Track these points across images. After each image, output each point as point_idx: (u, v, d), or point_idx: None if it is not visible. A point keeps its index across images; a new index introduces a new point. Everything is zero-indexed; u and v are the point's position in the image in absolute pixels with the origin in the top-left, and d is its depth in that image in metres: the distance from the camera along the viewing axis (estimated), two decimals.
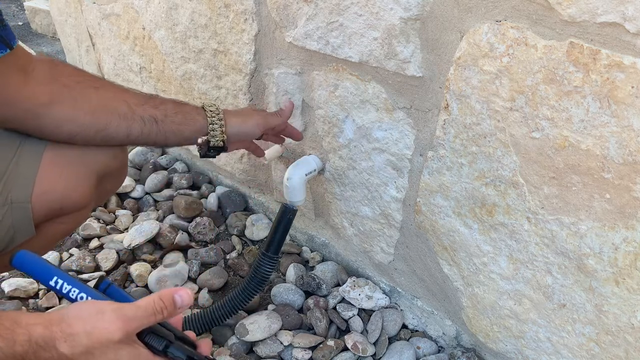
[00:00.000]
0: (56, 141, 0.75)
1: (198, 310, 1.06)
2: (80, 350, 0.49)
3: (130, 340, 0.53)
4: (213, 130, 0.84)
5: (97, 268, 1.23)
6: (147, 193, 1.51)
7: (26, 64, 0.71)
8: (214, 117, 0.84)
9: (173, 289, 0.58)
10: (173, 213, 1.42)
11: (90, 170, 0.79)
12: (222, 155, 1.40)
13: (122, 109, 0.76)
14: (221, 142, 0.85)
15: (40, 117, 0.72)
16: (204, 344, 0.64)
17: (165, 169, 1.61)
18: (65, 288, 0.56)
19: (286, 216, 1.00)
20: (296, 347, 1.03)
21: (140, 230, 1.29)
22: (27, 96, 0.70)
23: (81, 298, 0.56)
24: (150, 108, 0.79)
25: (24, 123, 0.72)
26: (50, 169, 0.75)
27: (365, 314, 1.12)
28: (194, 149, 1.53)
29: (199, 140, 0.83)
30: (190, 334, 0.63)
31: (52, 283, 0.56)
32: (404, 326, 1.12)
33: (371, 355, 1.03)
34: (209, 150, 0.86)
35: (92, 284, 0.61)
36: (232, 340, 1.05)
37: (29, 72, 0.70)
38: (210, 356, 0.61)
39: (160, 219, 1.40)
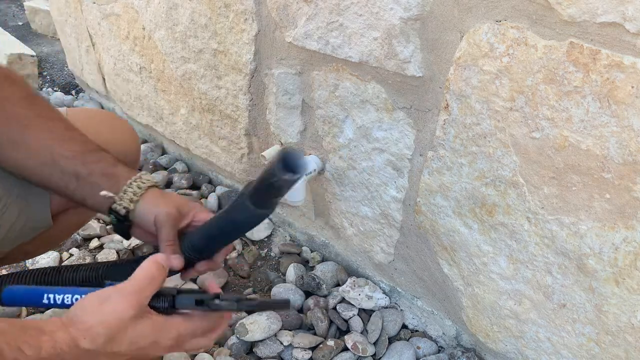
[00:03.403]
0: None
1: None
2: (102, 340, 0.50)
3: (143, 313, 0.54)
4: (124, 193, 0.69)
5: None
6: None
7: None
8: (136, 182, 0.70)
9: (154, 255, 0.59)
10: None
11: None
12: (222, 155, 1.41)
13: (43, 158, 0.69)
14: (123, 209, 0.69)
15: None
16: (211, 285, 0.62)
17: (165, 169, 1.61)
18: (59, 299, 0.57)
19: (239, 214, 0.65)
20: (296, 347, 1.03)
21: None
22: None
23: (76, 299, 0.56)
24: (77, 164, 0.69)
25: None
26: None
27: (365, 314, 1.12)
28: (194, 147, 1.53)
29: (101, 193, 0.69)
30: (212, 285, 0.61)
31: (45, 301, 0.57)
32: (404, 326, 1.12)
33: (371, 355, 1.03)
34: (110, 214, 0.70)
35: None
36: (232, 340, 1.05)
37: None
38: (220, 292, 0.60)
39: None
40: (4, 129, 0.68)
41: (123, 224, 0.71)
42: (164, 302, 0.57)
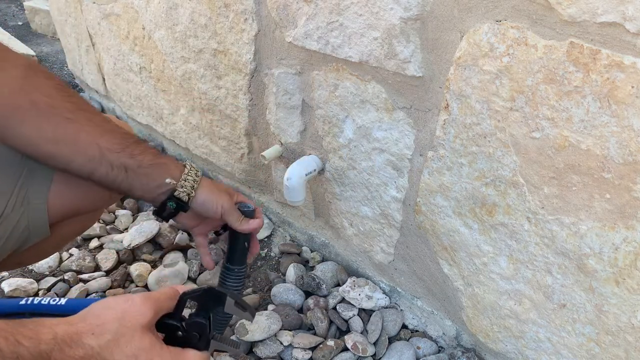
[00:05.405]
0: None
1: None
2: (107, 338, 0.49)
3: (152, 328, 0.54)
4: (185, 181, 0.75)
5: (97, 268, 1.23)
6: None
7: None
8: (192, 171, 0.77)
9: (177, 286, 0.60)
10: None
11: None
12: (222, 155, 1.41)
13: (91, 152, 0.69)
14: (186, 196, 0.75)
15: None
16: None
17: None
18: (45, 300, 0.56)
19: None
20: (296, 347, 1.03)
21: (140, 230, 1.29)
22: None
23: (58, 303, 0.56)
24: (125, 157, 0.71)
25: None
26: None
27: (365, 314, 1.12)
28: (194, 147, 1.53)
29: (167, 180, 0.74)
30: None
31: (22, 302, 0.56)
32: (404, 326, 1.12)
33: (371, 356, 1.03)
34: (169, 200, 0.75)
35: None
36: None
37: None
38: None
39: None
40: (46, 125, 0.66)
41: (177, 210, 0.77)
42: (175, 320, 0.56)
